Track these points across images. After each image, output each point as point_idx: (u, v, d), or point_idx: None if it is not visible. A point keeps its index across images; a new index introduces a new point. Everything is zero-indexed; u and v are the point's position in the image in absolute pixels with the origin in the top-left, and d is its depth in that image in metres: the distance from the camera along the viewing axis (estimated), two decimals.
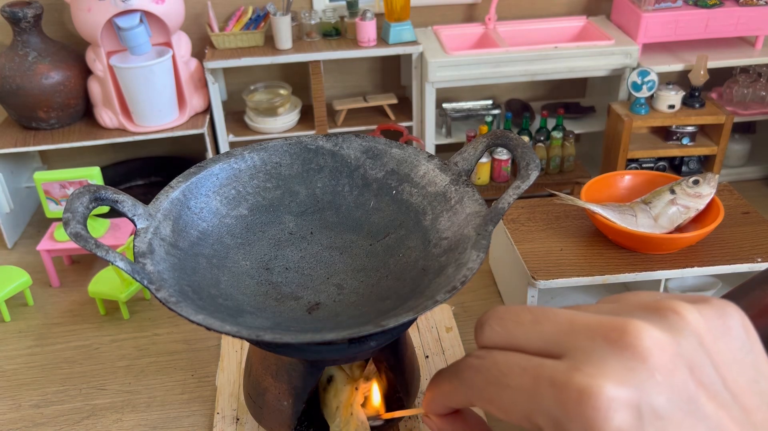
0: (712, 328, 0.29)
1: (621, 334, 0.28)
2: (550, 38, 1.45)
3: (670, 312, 0.29)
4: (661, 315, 0.29)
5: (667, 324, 0.29)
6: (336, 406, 0.68)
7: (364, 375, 0.68)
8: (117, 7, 1.20)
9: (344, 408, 0.67)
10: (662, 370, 0.27)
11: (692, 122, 1.30)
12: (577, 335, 0.29)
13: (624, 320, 0.28)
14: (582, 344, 0.29)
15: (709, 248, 0.94)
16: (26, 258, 1.28)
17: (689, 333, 0.28)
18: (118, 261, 0.54)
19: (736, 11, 1.35)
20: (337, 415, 0.67)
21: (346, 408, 0.67)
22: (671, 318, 0.29)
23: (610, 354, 0.28)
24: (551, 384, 0.28)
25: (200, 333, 1.03)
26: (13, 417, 0.90)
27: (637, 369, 0.27)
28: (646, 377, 0.27)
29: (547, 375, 0.28)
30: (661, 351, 0.27)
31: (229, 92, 1.52)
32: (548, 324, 0.31)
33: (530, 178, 0.58)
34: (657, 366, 0.27)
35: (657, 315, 0.29)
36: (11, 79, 1.25)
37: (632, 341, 0.28)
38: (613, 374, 0.27)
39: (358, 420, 0.66)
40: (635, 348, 0.27)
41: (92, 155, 1.53)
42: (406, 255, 0.64)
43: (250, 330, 0.52)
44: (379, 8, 1.41)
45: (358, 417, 0.66)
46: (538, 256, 0.94)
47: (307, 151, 0.70)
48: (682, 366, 0.27)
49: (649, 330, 0.28)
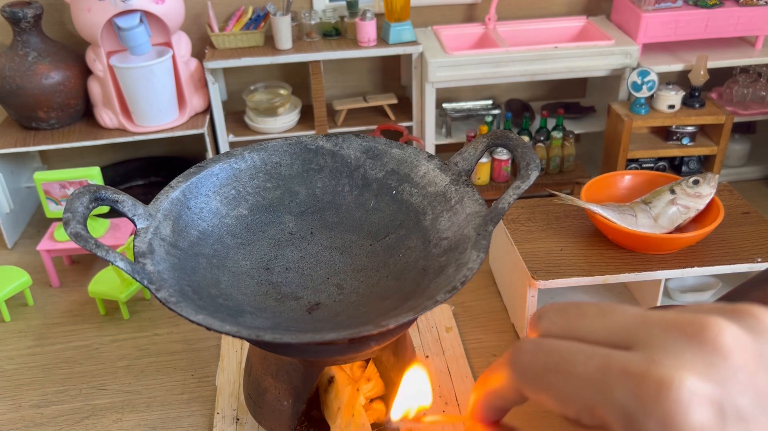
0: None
1: (700, 329, 0.26)
2: (550, 38, 1.45)
3: (748, 316, 0.28)
4: (739, 317, 0.28)
5: (746, 325, 0.27)
6: (337, 407, 0.68)
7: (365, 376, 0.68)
8: (117, 7, 1.20)
9: (345, 409, 0.67)
10: (745, 370, 0.26)
11: (692, 122, 1.30)
12: (651, 328, 0.27)
13: (702, 316, 0.27)
14: (656, 337, 0.27)
15: (709, 248, 0.94)
16: (26, 258, 1.28)
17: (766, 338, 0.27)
18: (118, 261, 0.54)
19: (736, 11, 1.35)
20: (338, 416, 0.67)
21: (348, 409, 0.67)
22: (750, 320, 0.27)
23: (688, 348, 0.26)
24: (624, 374, 0.26)
25: (200, 333, 1.03)
26: (13, 417, 0.90)
27: (718, 365, 0.25)
28: (728, 375, 0.25)
29: (618, 364, 0.26)
30: (743, 350, 0.26)
31: (229, 92, 1.52)
32: (616, 316, 0.29)
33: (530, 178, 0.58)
34: (739, 365, 0.26)
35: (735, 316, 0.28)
36: (11, 79, 1.25)
37: (713, 337, 0.26)
38: (694, 368, 0.25)
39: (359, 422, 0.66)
40: (716, 344, 0.26)
41: (92, 155, 1.53)
42: (406, 255, 0.64)
43: (250, 330, 0.52)
44: (379, 8, 1.41)
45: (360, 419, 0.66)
46: (538, 256, 0.94)
47: (307, 151, 0.70)
48: (764, 367, 0.26)
49: (730, 327, 0.26)
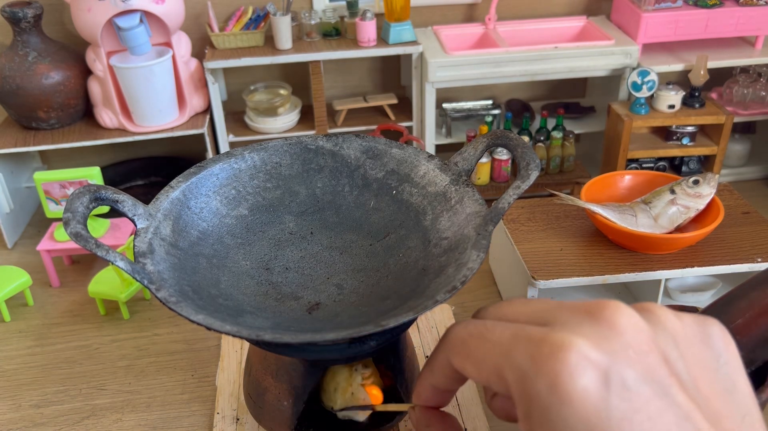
0: (689, 334, 0.30)
1: (599, 308, 0.29)
2: (550, 38, 1.45)
3: (648, 312, 0.30)
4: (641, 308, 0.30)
5: (646, 315, 0.30)
6: (334, 388, 0.68)
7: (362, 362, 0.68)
8: (117, 7, 1.20)
9: (343, 388, 0.67)
10: (636, 348, 0.27)
11: (692, 122, 1.30)
12: (562, 310, 0.30)
13: (607, 300, 0.29)
14: (564, 316, 0.30)
15: (709, 248, 0.94)
16: (26, 258, 1.28)
17: (665, 331, 0.29)
18: (118, 261, 0.54)
19: (736, 11, 1.35)
20: (336, 396, 0.67)
21: (346, 388, 0.67)
22: (649, 316, 0.30)
23: (587, 323, 0.28)
24: (527, 340, 0.28)
25: (200, 333, 1.03)
26: (13, 417, 0.90)
27: (611, 339, 0.27)
28: (619, 348, 0.27)
29: (525, 332, 0.29)
30: (637, 331, 0.28)
31: (229, 92, 1.52)
32: (537, 304, 0.32)
33: (530, 178, 0.58)
34: (631, 342, 0.27)
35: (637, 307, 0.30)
36: (11, 79, 1.25)
37: (610, 315, 0.28)
38: (588, 336, 0.27)
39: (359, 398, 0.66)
40: (612, 321, 0.28)
41: (92, 155, 1.53)
42: (406, 255, 0.64)
43: (250, 330, 0.52)
44: (379, 8, 1.41)
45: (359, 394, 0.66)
46: (538, 256, 0.94)
47: (307, 151, 0.70)
48: (656, 351, 0.28)
49: (628, 309, 0.29)
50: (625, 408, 0.26)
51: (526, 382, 0.27)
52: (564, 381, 0.26)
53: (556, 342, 0.27)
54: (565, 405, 0.26)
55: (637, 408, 0.26)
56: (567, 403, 0.26)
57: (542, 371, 0.27)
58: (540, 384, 0.27)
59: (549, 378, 0.26)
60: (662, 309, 0.30)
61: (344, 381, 0.67)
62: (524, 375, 0.28)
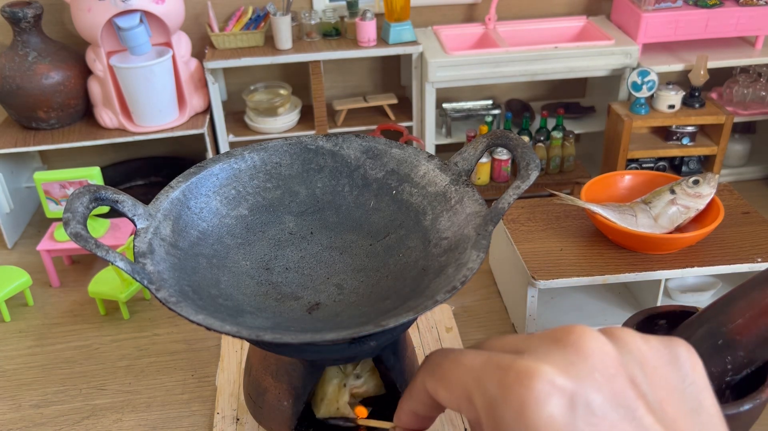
0: (656, 357, 0.30)
1: (566, 334, 0.29)
2: (550, 38, 1.45)
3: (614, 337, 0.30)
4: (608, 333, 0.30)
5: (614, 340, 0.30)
6: (321, 397, 0.68)
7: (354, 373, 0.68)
8: (117, 7, 1.20)
9: (329, 401, 0.67)
10: (602, 372, 0.27)
11: (692, 122, 1.30)
12: (532, 340, 0.30)
13: (574, 325, 0.30)
14: (534, 344, 0.30)
15: (709, 248, 0.94)
16: (26, 258, 1.28)
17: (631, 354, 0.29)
18: (118, 261, 0.54)
19: (736, 11, 1.35)
20: (321, 406, 0.68)
21: (332, 402, 0.67)
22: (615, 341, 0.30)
23: (554, 349, 0.29)
24: (497, 367, 0.29)
25: (200, 333, 1.03)
26: (13, 417, 0.90)
27: (577, 364, 0.28)
28: (585, 373, 0.27)
29: (496, 359, 0.29)
30: (604, 354, 0.28)
31: (229, 92, 1.52)
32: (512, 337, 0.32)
33: (530, 178, 0.58)
34: (597, 366, 0.28)
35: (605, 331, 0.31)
36: (11, 79, 1.25)
37: (575, 340, 0.29)
38: (554, 362, 0.28)
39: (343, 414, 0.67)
40: (578, 346, 0.28)
41: (92, 155, 1.53)
42: (406, 255, 0.64)
43: (250, 330, 0.52)
44: (379, 8, 1.41)
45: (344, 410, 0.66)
46: (538, 256, 0.94)
47: (307, 151, 0.70)
48: (623, 374, 0.28)
49: (594, 333, 0.29)
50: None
51: (494, 409, 0.28)
52: (530, 409, 0.26)
53: (522, 369, 0.27)
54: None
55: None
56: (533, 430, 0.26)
57: (509, 398, 0.27)
58: (507, 411, 0.27)
59: (516, 406, 0.27)
60: (628, 332, 0.30)
61: (332, 394, 0.67)
62: (492, 401, 0.28)
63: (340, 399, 0.67)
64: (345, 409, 0.67)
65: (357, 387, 0.68)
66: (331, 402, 0.67)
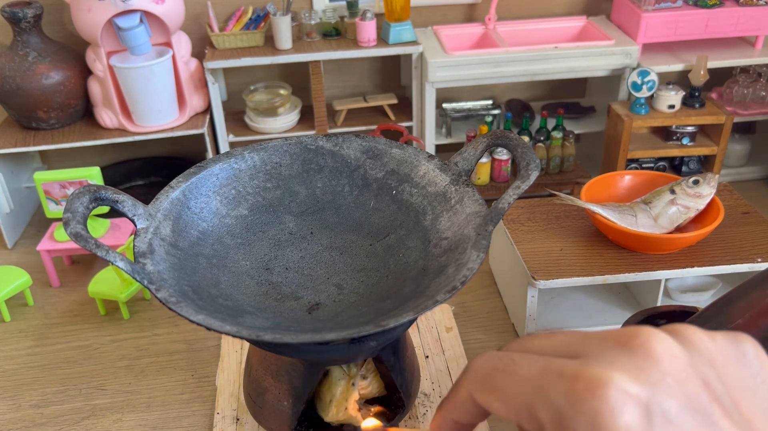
0: (724, 355, 0.28)
1: (631, 337, 0.27)
2: (550, 38, 1.45)
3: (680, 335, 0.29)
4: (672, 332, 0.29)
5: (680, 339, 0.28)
6: (329, 399, 0.68)
7: (361, 374, 0.68)
8: (117, 7, 1.20)
9: (338, 402, 0.67)
10: (675, 376, 0.26)
11: (692, 122, 1.30)
12: (590, 341, 0.29)
13: (636, 327, 0.28)
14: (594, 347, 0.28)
15: (709, 248, 0.94)
16: (26, 258, 1.28)
17: (700, 353, 0.28)
18: (118, 261, 0.54)
19: (736, 11, 1.35)
20: (330, 408, 0.68)
21: (341, 402, 0.67)
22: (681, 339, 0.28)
23: (620, 354, 0.27)
24: (560, 375, 0.27)
25: (200, 333, 1.03)
26: (13, 417, 0.90)
27: (649, 369, 0.26)
28: (658, 378, 0.26)
29: (556, 367, 0.27)
30: (674, 357, 0.27)
31: (229, 92, 1.52)
32: (562, 336, 0.30)
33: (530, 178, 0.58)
34: (669, 370, 0.26)
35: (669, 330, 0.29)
36: (11, 79, 1.25)
37: (642, 343, 0.27)
38: (624, 369, 0.26)
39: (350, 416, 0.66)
40: (646, 349, 0.27)
41: (92, 155, 1.53)
42: (406, 255, 0.64)
43: (250, 330, 0.52)
44: (379, 8, 1.41)
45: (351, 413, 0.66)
46: (538, 256, 0.94)
47: (307, 151, 0.70)
48: (695, 377, 0.26)
49: (661, 335, 0.27)
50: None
51: (563, 421, 0.26)
52: (605, 420, 0.25)
53: (592, 377, 0.26)
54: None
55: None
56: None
57: (581, 409, 0.26)
58: (579, 423, 0.25)
59: (588, 417, 0.25)
60: (693, 330, 0.29)
61: (340, 395, 0.67)
62: (560, 413, 0.26)
63: (349, 399, 0.67)
64: (353, 410, 0.67)
65: (363, 388, 0.68)
66: (340, 403, 0.67)
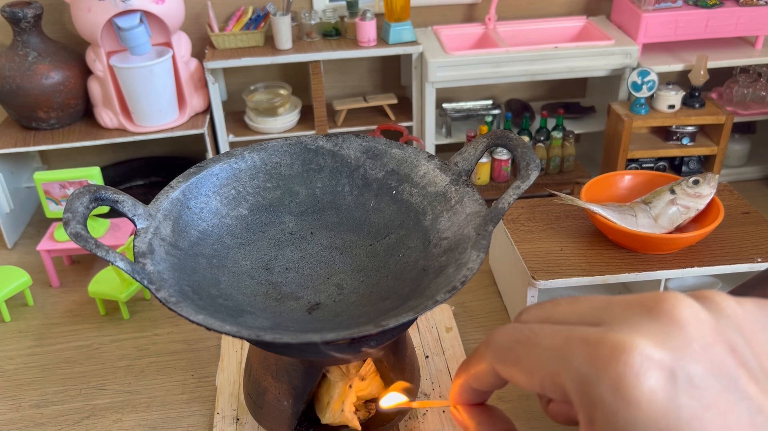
0: (752, 320, 0.28)
1: (657, 302, 0.27)
2: (550, 38, 1.45)
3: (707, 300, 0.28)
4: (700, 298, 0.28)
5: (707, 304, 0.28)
6: (327, 401, 0.68)
7: (359, 375, 0.68)
8: (117, 7, 1.20)
9: (335, 403, 0.67)
10: (700, 340, 0.26)
11: (692, 122, 1.30)
12: (613, 307, 0.28)
13: (661, 292, 0.28)
14: (618, 313, 0.28)
15: (709, 248, 0.94)
16: (26, 258, 1.28)
17: (728, 319, 0.27)
18: (118, 261, 0.54)
19: (736, 11, 1.35)
20: (327, 410, 0.68)
21: (338, 404, 0.67)
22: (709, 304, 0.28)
23: (645, 319, 0.27)
24: (583, 342, 0.27)
25: (200, 333, 1.03)
26: (13, 417, 0.90)
27: (673, 334, 0.26)
28: (683, 343, 0.26)
29: (579, 335, 0.27)
30: (699, 322, 0.26)
31: (229, 92, 1.52)
32: (585, 302, 0.30)
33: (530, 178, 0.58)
34: (695, 335, 0.26)
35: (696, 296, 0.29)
36: (11, 79, 1.25)
37: (669, 308, 0.27)
38: (648, 334, 0.26)
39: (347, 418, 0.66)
40: (672, 315, 0.27)
41: (92, 155, 1.53)
42: (406, 255, 0.64)
43: (250, 330, 0.52)
44: (379, 8, 1.41)
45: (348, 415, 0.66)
46: (538, 256, 0.94)
47: (307, 151, 0.70)
48: (721, 342, 0.26)
49: (687, 300, 0.27)
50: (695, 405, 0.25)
51: (587, 387, 0.26)
52: (629, 384, 0.25)
53: (616, 343, 0.26)
54: (632, 409, 0.25)
55: (707, 405, 0.25)
56: (634, 406, 0.25)
57: (604, 374, 0.26)
58: (603, 388, 0.26)
59: (612, 382, 0.25)
60: (722, 296, 0.28)
61: (338, 397, 0.67)
62: (584, 379, 0.26)
63: (346, 402, 0.67)
64: (349, 413, 0.67)
65: (361, 390, 0.68)
66: (337, 405, 0.67)
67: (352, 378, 0.68)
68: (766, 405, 0.25)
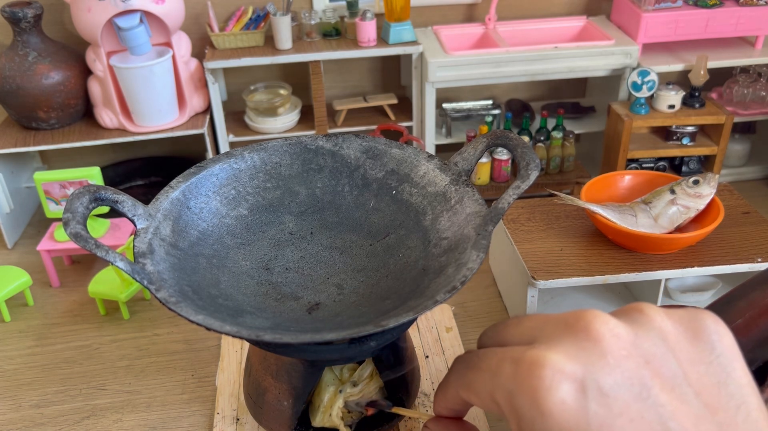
0: (680, 330, 0.30)
1: (577, 320, 0.30)
2: (550, 38, 1.45)
3: (635, 312, 0.31)
4: (626, 313, 0.31)
5: (630, 319, 0.30)
6: (318, 405, 0.68)
7: (351, 381, 0.68)
8: (117, 7, 1.20)
9: (324, 408, 0.67)
10: (615, 354, 0.28)
11: (692, 122, 1.30)
12: (546, 326, 0.31)
13: (583, 310, 0.31)
14: (548, 331, 0.31)
15: (709, 248, 0.94)
16: (26, 258, 1.28)
17: (652, 329, 0.30)
18: (118, 261, 0.54)
19: (736, 11, 1.35)
20: (317, 414, 0.68)
21: (326, 409, 0.67)
22: (635, 315, 0.31)
23: (567, 336, 0.30)
24: (511, 361, 0.30)
25: (200, 333, 1.03)
26: (13, 417, 0.90)
27: (588, 349, 0.29)
28: (596, 358, 0.28)
29: (510, 355, 0.30)
30: (616, 337, 0.29)
31: (229, 92, 1.52)
32: (527, 322, 0.33)
33: (530, 178, 0.58)
34: (609, 349, 0.28)
35: (623, 312, 0.31)
36: (11, 79, 1.25)
37: (586, 325, 0.29)
38: (563, 350, 0.29)
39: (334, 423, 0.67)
40: (588, 331, 0.29)
41: (92, 155, 1.53)
42: (406, 255, 0.64)
43: (250, 330, 0.52)
44: (379, 8, 1.41)
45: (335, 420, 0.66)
46: (538, 256, 0.94)
47: (307, 151, 0.70)
48: (637, 355, 0.29)
49: (604, 317, 0.30)
50: (604, 413, 0.27)
51: (512, 401, 0.29)
52: (542, 396, 0.28)
53: (533, 359, 0.29)
54: (546, 418, 0.27)
55: (617, 413, 0.27)
56: (547, 416, 0.27)
57: (522, 388, 0.28)
58: (522, 400, 0.28)
59: (529, 394, 0.28)
60: (652, 308, 0.31)
61: (327, 401, 0.67)
62: (509, 394, 0.29)
63: (333, 407, 0.67)
64: (336, 418, 0.67)
65: (352, 395, 0.68)
66: (326, 409, 0.67)
67: (344, 382, 0.68)
68: (681, 410, 0.27)
